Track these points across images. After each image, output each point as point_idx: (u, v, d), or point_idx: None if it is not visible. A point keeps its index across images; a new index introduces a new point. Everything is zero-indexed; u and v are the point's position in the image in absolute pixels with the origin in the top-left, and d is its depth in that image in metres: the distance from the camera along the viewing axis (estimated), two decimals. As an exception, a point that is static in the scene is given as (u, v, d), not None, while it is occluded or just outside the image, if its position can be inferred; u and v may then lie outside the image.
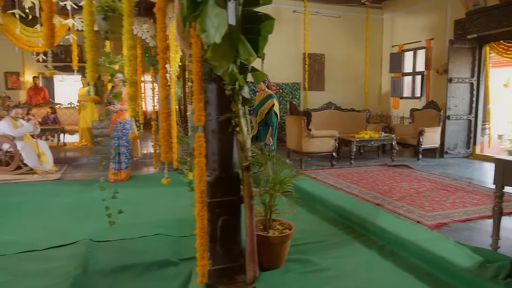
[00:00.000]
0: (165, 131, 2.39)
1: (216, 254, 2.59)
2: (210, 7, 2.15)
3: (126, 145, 5.67)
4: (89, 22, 2.17)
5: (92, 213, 4.09)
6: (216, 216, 2.55)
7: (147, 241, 3.31)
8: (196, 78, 2.30)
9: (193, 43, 2.28)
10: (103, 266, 2.81)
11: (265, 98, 5.20)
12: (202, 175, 2.37)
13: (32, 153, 6.36)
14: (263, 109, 5.17)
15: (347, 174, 5.65)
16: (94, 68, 2.24)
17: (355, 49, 9.21)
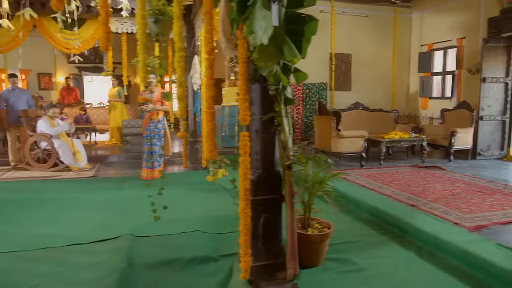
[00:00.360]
0: (211, 130, 2.46)
1: (258, 251, 2.64)
2: (258, 10, 2.21)
3: (158, 144, 5.80)
4: (141, 25, 2.26)
5: (130, 209, 4.24)
6: (258, 213, 2.60)
7: (185, 237, 3.40)
8: (242, 78, 2.36)
9: (239, 45, 2.34)
10: (146, 260, 2.91)
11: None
12: (247, 173, 2.43)
13: (68, 151, 6.60)
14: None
15: (377, 175, 5.62)
16: (145, 69, 2.32)
17: (383, 48, 9.11)
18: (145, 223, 3.71)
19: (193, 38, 6.19)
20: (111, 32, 2.24)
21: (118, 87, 9.55)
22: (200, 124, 6.33)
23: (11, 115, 6.81)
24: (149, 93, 5.77)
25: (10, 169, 6.75)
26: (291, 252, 2.65)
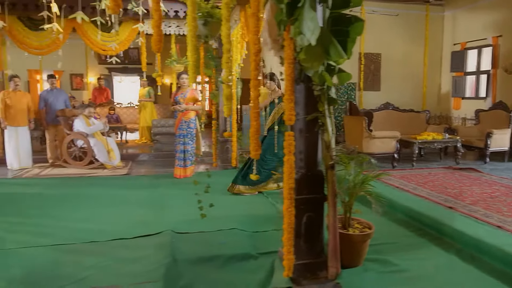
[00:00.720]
0: (255, 129, 2.51)
1: (300, 249, 2.66)
2: (306, 11, 2.24)
3: (191, 143, 5.91)
4: (192, 27, 2.33)
5: (167, 206, 4.35)
6: (301, 212, 2.63)
7: (223, 235, 3.47)
8: (288, 79, 2.39)
9: (286, 46, 2.37)
10: (188, 256, 2.99)
11: (279, 99, 4.67)
12: (291, 172, 2.46)
13: (103, 149, 6.82)
14: (276, 110, 4.70)
15: (410, 176, 5.53)
16: (195, 70, 2.39)
17: (413, 48, 8.94)
18: (183, 220, 3.82)
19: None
20: (163, 34, 2.32)
21: (148, 87, 9.79)
22: (231, 124, 6.40)
23: (49, 114, 7.08)
24: (181, 93, 5.89)
25: (49, 166, 7.03)
26: (333, 251, 2.66)
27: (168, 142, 9.42)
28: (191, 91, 5.93)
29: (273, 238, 3.44)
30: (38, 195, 4.89)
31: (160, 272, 2.70)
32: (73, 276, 2.62)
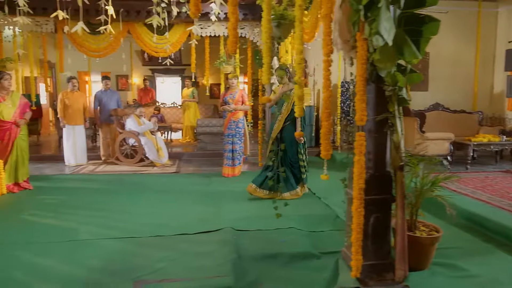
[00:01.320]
0: (327, 129, 2.53)
1: (367, 250, 2.66)
2: (383, 12, 2.24)
3: (239, 143, 6.01)
4: (267, 29, 2.39)
5: (222, 204, 4.46)
6: (368, 213, 2.62)
7: (281, 233, 3.51)
8: (360, 79, 2.40)
9: (359, 46, 2.38)
10: (252, 253, 3.06)
11: (288, 90, 4.71)
12: (362, 172, 2.46)
13: (153, 148, 7.07)
14: (290, 100, 4.65)
15: (466, 180, 5.34)
16: (269, 71, 2.45)
17: (464, 46, 8.59)
18: (239, 218, 3.91)
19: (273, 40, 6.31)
20: (238, 36, 2.40)
21: (192, 88, 10.03)
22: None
23: (103, 114, 7.44)
24: (230, 94, 5.99)
25: (102, 163, 7.38)
26: (401, 253, 2.63)
27: (211, 142, 9.62)
28: (240, 92, 6.04)
29: (331, 238, 3.46)
30: (99, 190, 5.16)
31: (227, 267, 2.78)
32: (147, 268, 2.76)
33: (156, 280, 2.58)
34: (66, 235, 3.43)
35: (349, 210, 2.82)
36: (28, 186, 5.20)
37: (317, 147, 8.51)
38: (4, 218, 3.99)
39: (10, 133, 4.92)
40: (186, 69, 14.91)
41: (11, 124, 4.91)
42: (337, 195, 4.68)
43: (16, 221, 3.87)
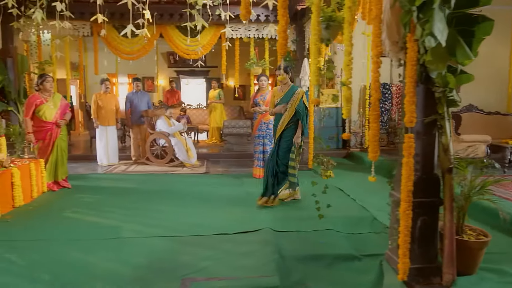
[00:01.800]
0: (375, 131, 2.52)
1: (414, 253, 2.62)
2: (436, 13, 2.22)
3: (269, 144, 6.03)
4: (316, 31, 2.41)
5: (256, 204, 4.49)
6: (415, 215, 2.59)
7: (320, 235, 3.51)
8: (410, 81, 2.38)
9: (409, 48, 2.36)
10: (294, 253, 3.07)
11: (290, 90, 4.48)
12: (411, 174, 2.44)
13: (182, 148, 7.18)
14: (293, 101, 4.41)
15: (505, 183, 5.19)
16: (318, 73, 2.46)
17: (497, 45, 8.35)
18: (276, 219, 3.93)
19: (303, 41, 6.32)
20: (287, 38, 2.42)
21: (218, 89, 10.14)
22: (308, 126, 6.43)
23: (134, 115, 7.60)
24: (261, 95, 6.02)
25: (132, 163, 7.54)
26: (449, 257, 2.59)
27: (238, 143, 9.68)
28: (270, 93, 6.05)
29: (371, 240, 3.44)
30: (134, 190, 5.28)
31: (271, 267, 2.80)
32: (192, 266, 2.81)
33: (203, 278, 2.63)
34: (109, 233, 3.53)
35: (394, 212, 2.80)
36: (67, 184, 5.37)
37: (345, 149, 8.45)
38: (48, 215, 4.14)
39: (51, 134, 5.10)
40: (210, 71, 15.10)
41: (52, 125, 5.08)
42: (371, 196, 4.67)
43: (60, 219, 4.01)
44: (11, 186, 4.29)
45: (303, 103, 4.39)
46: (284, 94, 4.47)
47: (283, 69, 4.45)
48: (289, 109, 4.41)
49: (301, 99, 4.39)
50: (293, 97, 4.41)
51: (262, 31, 6.48)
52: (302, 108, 4.38)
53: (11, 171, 4.30)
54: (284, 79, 4.47)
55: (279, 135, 4.50)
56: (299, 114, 4.36)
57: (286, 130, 4.46)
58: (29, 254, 3.06)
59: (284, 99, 4.45)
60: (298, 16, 6.28)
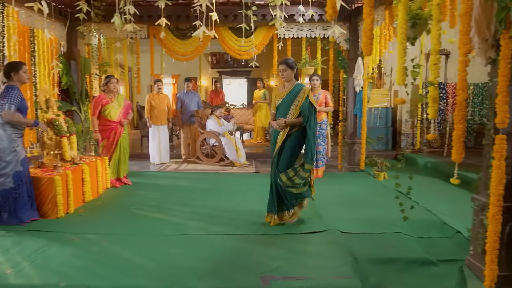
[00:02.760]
0: (461, 132, 2.44)
1: (501, 260, 2.51)
2: (537, 7, 2.11)
3: (322, 144, 5.99)
4: (403, 29, 2.36)
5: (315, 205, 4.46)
6: (504, 221, 2.48)
7: (388, 238, 3.44)
8: (503, 80, 2.27)
9: (503, 45, 2.26)
10: (365, 256, 3.02)
11: (294, 88, 3.71)
12: (502, 178, 2.34)
13: (232, 148, 7.27)
14: (298, 101, 3.65)
15: None
16: (403, 72, 2.41)
17: None
18: (339, 219, 3.90)
19: (357, 40, 6.22)
20: (373, 37, 2.39)
21: (263, 89, 10.19)
22: (360, 126, 6.33)
23: (185, 114, 7.79)
24: (313, 95, 5.99)
25: (183, 162, 7.73)
26: (540, 266, 2.46)
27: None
28: (324, 93, 6.01)
29: (443, 245, 3.33)
30: (191, 188, 5.42)
31: (346, 269, 2.78)
32: (266, 265, 2.84)
33: (281, 277, 2.65)
34: (178, 229, 3.64)
35: (478, 217, 2.69)
36: (128, 181, 5.60)
37: (394, 150, 8.24)
38: (115, 211, 4.33)
39: (115, 132, 5.34)
40: (252, 71, 15.21)
41: (116, 124, 5.32)
42: (434, 199, 4.53)
43: (127, 214, 4.18)
44: (81, 181, 4.53)
45: (309, 103, 3.64)
46: (286, 93, 3.72)
47: (285, 64, 3.71)
48: (293, 111, 3.65)
49: (306, 98, 3.63)
50: (297, 97, 3.66)
51: (315, 31, 6.44)
52: (307, 109, 3.60)
53: (81, 168, 4.54)
54: (288, 76, 3.72)
55: (280, 144, 3.71)
56: (304, 116, 3.60)
57: (289, 136, 3.70)
58: (109, 247, 3.22)
59: (286, 100, 3.69)
60: (352, 15, 6.18)
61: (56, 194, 3.97)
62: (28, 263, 2.85)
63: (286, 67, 3.70)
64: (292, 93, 3.70)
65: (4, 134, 3.64)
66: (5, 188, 3.67)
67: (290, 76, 3.73)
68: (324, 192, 5.08)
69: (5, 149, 3.65)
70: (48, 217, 3.97)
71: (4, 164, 3.65)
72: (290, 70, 3.71)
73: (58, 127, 4.36)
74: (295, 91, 3.69)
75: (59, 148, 4.38)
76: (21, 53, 5.32)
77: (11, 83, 3.74)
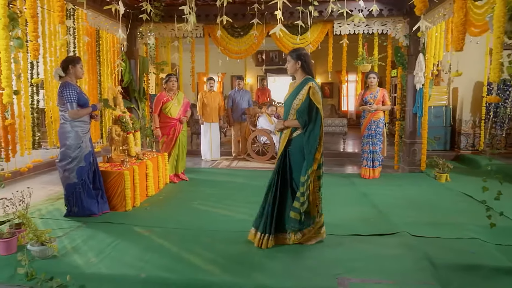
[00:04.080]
0: None
1: None
2: None
3: (379, 143, 5.81)
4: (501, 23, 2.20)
5: (379, 205, 4.34)
6: None
7: (464, 243, 3.26)
8: None
9: None
10: (443, 261, 2.88)
11: (300, 84, 3.11)
12: None
13: (284, 146, 7.23)
14: (297, 102, 3.06)
15: None
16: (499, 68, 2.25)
17: None
18: (406, 222, 3.76)
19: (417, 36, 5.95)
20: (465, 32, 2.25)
21: (312, 87, 10.06)
22: (420, 125, 6.07)
23: (236, 112, 7.87)
24: (371, 93, 5.81)
25: (233, 159, 7.81)
26: None
27: (330, 142, 9.55)
28: (381, 91, 5.82)
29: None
30: (247, 185, 5.45)
31: (426, 274, 2.67)
32: (341, 266, 2.78)
33: (358, 279, 2.58)
34: (244, 226, 3.64)
35: None
36: (185, 177, 5.74)
37: (452, 151, 7.83)
38: (179, 205, 4.44)
39: (175, 129, 5.48)
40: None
41: (176, 121, 5.46)
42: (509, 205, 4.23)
43: (191, 210, 4.27)
44: (145, 176, 4.69)
45: (308, 102, 3.00)
46: (293, 89, 3.17)
47: (289, 54, 3.21)
48: (293, 111, 3.10)
49: (307, 97, 3.00)
50: (298, 95, 3.06)
51: (373, 26, 6.25)
52: (302, 109, 3.00)
53: (145, 163, 4.69)
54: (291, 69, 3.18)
55: (283, 147, 3.17)
56: (298, 119, 3.03)
57: (292, 140, 3.14)
58: (180, 241, 3.29)
59: (290, 97, 3.16)
60: (413, 10, 5.92)
61: (125, 188, 4.14)
62: (106, 254, 2.98)
63: (290, 58, 3.16)
64: (297, 89, 3.11)
65: (72, 131, 3.78)
66: (70, 182, 3.84)
67: (293, 68, 3.16)
68: (384, 192, 4.96)
69: (71, 145, 3.79)
70: (117, 210, 4.14)
71: (70, 160, 3.80)
72: (293, 61, 3.13)
73: (125, 123, 4.54)
74: (299, 88, 3.09)
75: (126, 144, 4.55)
76: (89, 53, 5.59)
77: (65, 79, 3.75)
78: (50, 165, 6.48)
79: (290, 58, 3.17)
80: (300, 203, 3.01)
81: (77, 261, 2.87)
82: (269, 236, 3.14)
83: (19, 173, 5.55)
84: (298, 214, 3.03)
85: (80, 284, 2.53)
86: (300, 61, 3.12)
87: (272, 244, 3.15)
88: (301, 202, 3.01)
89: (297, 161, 3.10)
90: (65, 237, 3.36)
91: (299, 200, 3.02)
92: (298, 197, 3.02)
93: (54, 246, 2.89)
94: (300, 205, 3.01)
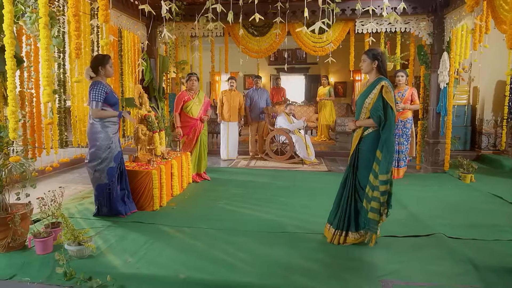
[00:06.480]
0: None
1: None
2: None
3: (405, 143, 5.73)
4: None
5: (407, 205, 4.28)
6: None
7: (505, 246, 3.19)
8: None
9: None
10: (486, 264, 2.81)
11: (372, 84, 3.11)
12: None
13: (303, 145, 7.19)
14: (368, 101, 3.08)
15: None
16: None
17: None
18: (439, 224, 3.70)
19: (442, 34, 5.87)
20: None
21: (328, 86, 10.00)
22: (444, 124, 5.98)
23: (254, 111, 7.83)
24: (398, 92, 5.73)
25: (251, 158, 7.78)
26: None
27: (348, 141, 9.47)
28: (410, 90, 5.72)
29: None
30: (269, 185, 5.42)
31: (470, 277, 2.61)
32: (381, 268, 2.74)
33: (402, 281, 2.53)
34: (274, 226, 3.62)
35: None
36: (207, 177, 5.72)
37: (472, 151, 7.71)
38: (205, 205, 4.42)
39: (195, 129, 5.47)
40: (310, 67, 15.01)
41: (197, 120, 5.44)
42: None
43: (217, 209, 4.25)
44: (171, 176, 4.67)
45: (381, 101, 2.99)
46: (366, 88, 3.18)
47: (365, 54, 3.19)
48: (365, 110, 3.13)
49: (379, 96, 3.01)
50: (370, 94, 3.08)
51: (396, 25, 6.16)
52: (378, 109, 2.99)
53: (171, 162, 4.68)
54: (366, 68, 3.17)
55: (355, 147, 3.22)
56: (372, 117, 3.04)
57: (363, 139, 3.15)
58: (212, 241, 3.27)
59: (362, 96, 3.18)
60: (438, 7, 5.83)
61: (152, 187, 4.12)
62: (141, 255, 2.96)
63: (366, 57, 3.17)
64: (369, 89, 3.13)
65: (102, 131, 3.74)
66: (101, 183, 3.82)
67: (368, 68, 3.16)
68: (411, 193, 4.90)
69: (102, 146, 3.75)
70: (144, 210, 4.13)
71: (100, 161, 3.77)
72: (370, 60, 3.13)
73: (151, 123, 4.53)
74: (372, 87, 3.10)
75: (152, 143, 4.54)
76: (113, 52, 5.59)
77: (96, 78, 3.73)
78: (71, 164, 6.51)
79: (366, 57, 3.16)
80: (379, 203, 2.99)
81: (114, 261, 2.86)
82: (341, 232, 3.20)
83: (41, 172, 5.58)
84: (377, 215, 3.02)
85: (119, 284, 2.52)
86: (377, 60, 3.12)
87: (343, 240, 3.19)
88: (381, 202, 2.99)
89: (364, 159, 3.13)
90: (97, 236, 3.35)
91: (378, 200, 2.99)
92: (378, 197, 2.98)
93: (92, 246, 2.89)
94: (379, 205, 3.00)
